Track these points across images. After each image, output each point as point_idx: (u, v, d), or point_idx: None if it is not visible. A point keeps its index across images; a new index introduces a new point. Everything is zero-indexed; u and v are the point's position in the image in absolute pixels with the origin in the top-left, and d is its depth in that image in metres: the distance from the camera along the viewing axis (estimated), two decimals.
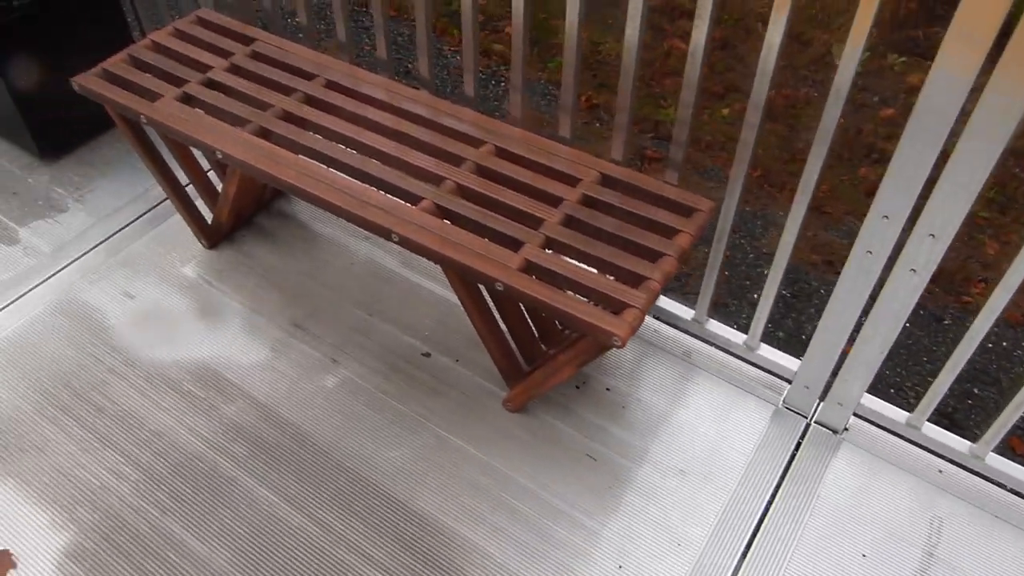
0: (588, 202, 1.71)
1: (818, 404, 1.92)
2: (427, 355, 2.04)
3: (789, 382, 1.95)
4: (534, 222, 1.66)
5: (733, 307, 3.15)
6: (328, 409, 1.93)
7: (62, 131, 2.53)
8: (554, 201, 1.70)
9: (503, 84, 4.28)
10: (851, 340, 1.73)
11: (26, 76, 2.34)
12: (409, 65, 4.19)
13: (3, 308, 2.14)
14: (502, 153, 1.81)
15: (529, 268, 1.58)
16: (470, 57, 1.99)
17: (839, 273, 1.65)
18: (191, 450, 1.85)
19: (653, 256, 1.60)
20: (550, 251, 1.62)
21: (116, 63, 2.00)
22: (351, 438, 1.87)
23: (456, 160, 1.79)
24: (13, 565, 1.68)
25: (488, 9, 4.63)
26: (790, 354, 2.01)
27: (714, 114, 4.03)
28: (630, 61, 1.74)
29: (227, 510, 1.75)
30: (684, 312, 2.07)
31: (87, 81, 1.97)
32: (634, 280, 1.57)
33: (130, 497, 1.77)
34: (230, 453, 1.84)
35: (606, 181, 1.75)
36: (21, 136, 2.49)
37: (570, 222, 1.67)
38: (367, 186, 1.75)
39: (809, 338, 1.82)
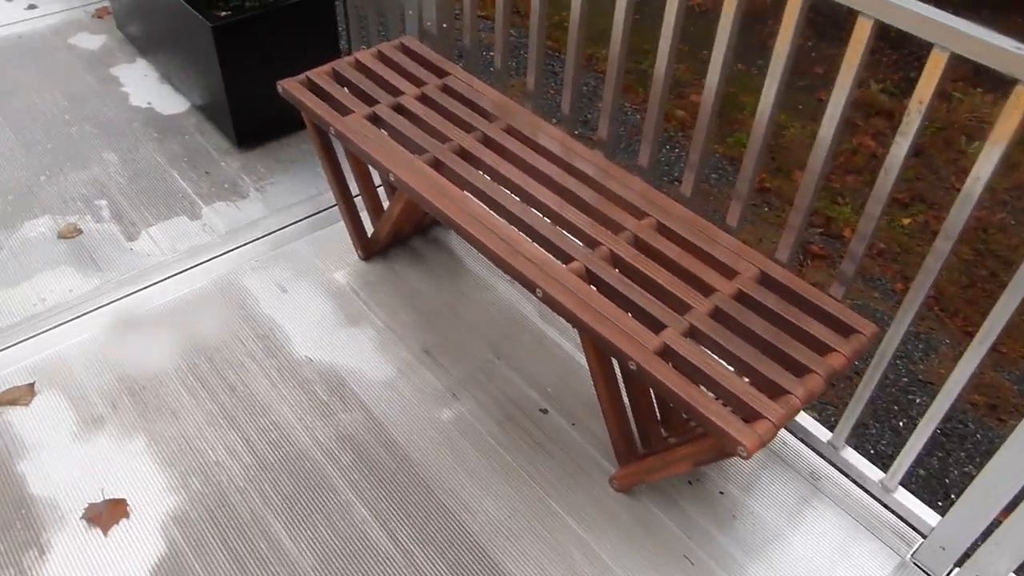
0: (742, 298, 1.64)
1: (953, 569, 1.73)
2: (544, 411, 2.02)
3: (923, 536, 1.78)
4: (681, 307, 1.61)
5: (873, 429, 2.94)
6: (437, 442, 1.94)
7: (259, 125, 2.72)
8: (706, 290, 1.65)
9: (676, 150, 4.24)
10: (1008, 508, 1.55)
11: (241, 71, 2.53)
12: (588, 116, 4.23)
13: (174, 276, 2.31)
14: (663, 230, 1.78)
15: (666, 353, 1.53)
16: (652, 128, 1.98)
17: (1001, 420, 1.50)
18: (303, 448, 1.91)
19: (800, 370, 1.51)
20: (692, 340, 1.56)
21: (319, 74, 2.13)
22: (453, 476, 1.87)
23: (616, 227, 1.77)
24: (126, 514, 1.79)
25: (676, 73, 4.60)
26: (926, 497, 1.84)
27: (893, 221, 3.81)
28: (818, 161, 1.67)
29: (322, 516, 1.78)
30: (820, 431, 1.94)
31: (291, 86, 2.10)
32: (773, 391, 1.48)
33: (239, 479, 1.85)
34: (337, 461, 1.89)
35: (765, 280, 1.68)
36: (224, 123, 2.70)
37: (718, 315, 1.61)
38: (522, 235, 1.76)
39: (952, 484, 1.66)
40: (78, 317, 2.18)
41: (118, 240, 2.41)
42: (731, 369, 1.53)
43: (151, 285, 2.28)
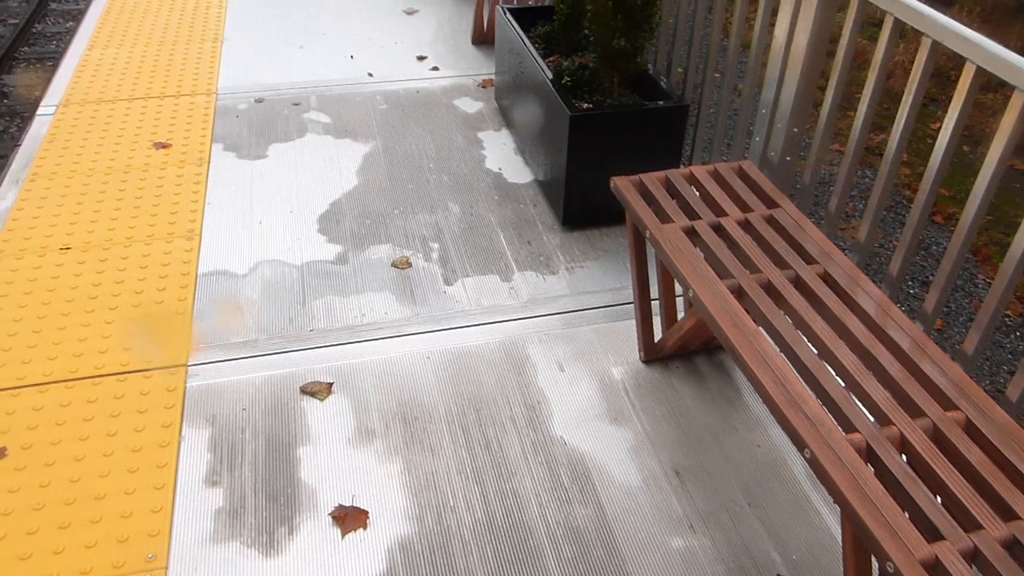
0: None
1: None
2: None
3: None
4: (969, 523, 1.40)
5: None
6: (660, 568, 1.86)
7: (587, 211, 2.89)
8: (1007, 515, 1.41)
9: None
10: None
11: (584, 159, 2.72)
12: (930, 276, 3.87)
13: (472, 326, 2.51)
14: (971, 430, 1.56)
15: (935, 569, 1.33)
16: (988, 313, 1.76)
17: None
18: (531, 524, 1.95)
19: None
20: (971, 566, 1.34)
21: (651, 179, 2.22)
22: None
23: (915, 411, 1.60)
24: (365, 525, 1.96)
25: None
26: None
27: None
28: None
29: None
30: None
31: (622, 184, 2.21)
32: None
33: (467, 532, 1.93)
34: (558, 548, 1.90)
35: None
36: (557, 202, 2.90)
37: (1016, 549, 1.36)
38: (807, 389, 1.65)
39: None
40: (385, 339, 2.46)
41: (437, 281, 2.69)
42: None
43: (451, 328, 2.50)
